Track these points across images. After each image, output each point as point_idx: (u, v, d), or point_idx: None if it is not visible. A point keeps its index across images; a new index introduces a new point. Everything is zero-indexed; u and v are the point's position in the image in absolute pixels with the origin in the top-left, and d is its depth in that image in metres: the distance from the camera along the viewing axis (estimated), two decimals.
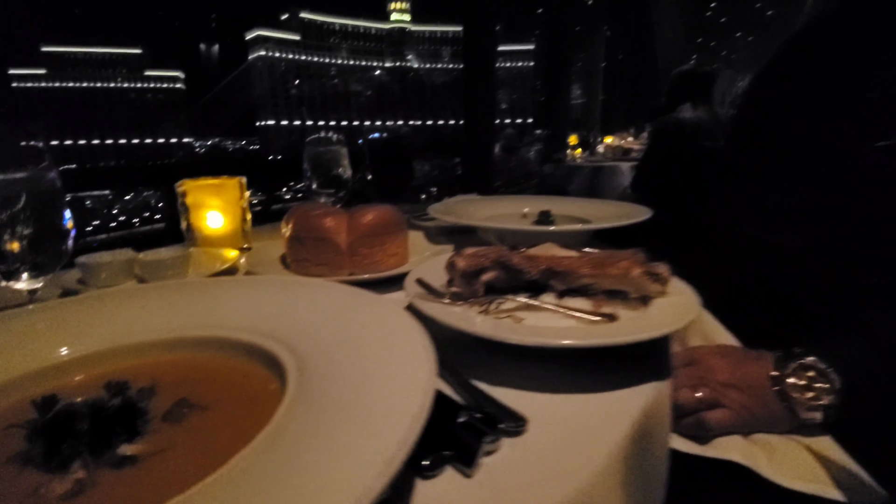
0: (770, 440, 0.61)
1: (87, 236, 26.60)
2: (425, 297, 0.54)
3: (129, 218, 38.51)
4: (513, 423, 0.39)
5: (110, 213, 37.96)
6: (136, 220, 37.65)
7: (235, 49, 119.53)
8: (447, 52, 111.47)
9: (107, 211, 36.09)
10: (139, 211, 36.34)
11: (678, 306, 0.52)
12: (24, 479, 0.30)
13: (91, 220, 30.90)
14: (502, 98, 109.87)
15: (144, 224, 33.74)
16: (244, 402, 0.37)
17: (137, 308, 0.48)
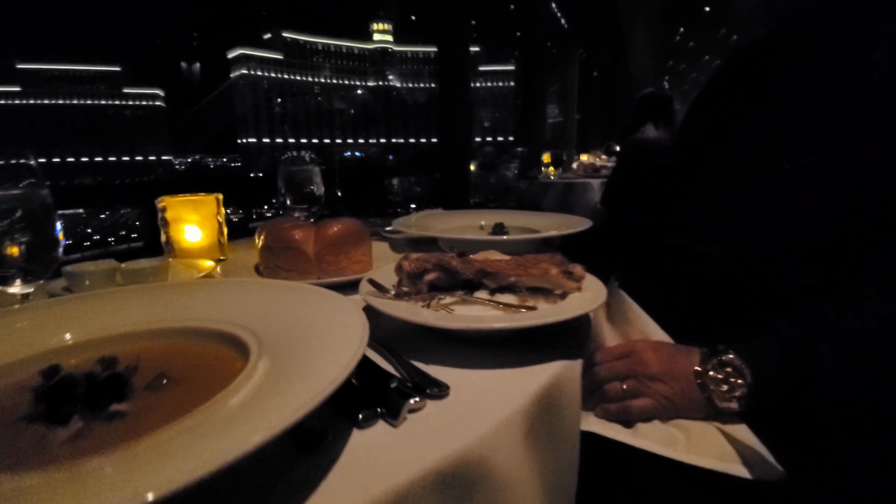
0: (688, 424, 0.68)
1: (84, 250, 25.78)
2: (376, 295, 0.63)
3: (105, 236, 37.73)
4: (436, 388, 0.48)
5: (84, 232, 37.14)
6: (111, 239, 36.87)
7: (217, 67, 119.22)
8: (428, 71, 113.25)
9: (81, 229, 35.29)
10: (115, 229, 35.60)
11: (587, 299, 0.62)
12: (31, 431, 0.37)
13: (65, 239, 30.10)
14: (485, 116, 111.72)
15: (120, 243, 33.05)
16: (213, 376, 0.45)
17: (123, 305, 0.55)
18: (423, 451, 0.39)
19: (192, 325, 0.52)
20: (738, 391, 0.64)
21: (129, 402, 0.40)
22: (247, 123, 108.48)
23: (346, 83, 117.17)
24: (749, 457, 0.62)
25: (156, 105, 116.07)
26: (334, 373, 0.37)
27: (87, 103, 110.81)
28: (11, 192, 0.63)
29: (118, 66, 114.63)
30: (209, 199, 1.07)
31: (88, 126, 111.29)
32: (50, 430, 0.36)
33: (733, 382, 0.65)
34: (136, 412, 0.39)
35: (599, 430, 0.70)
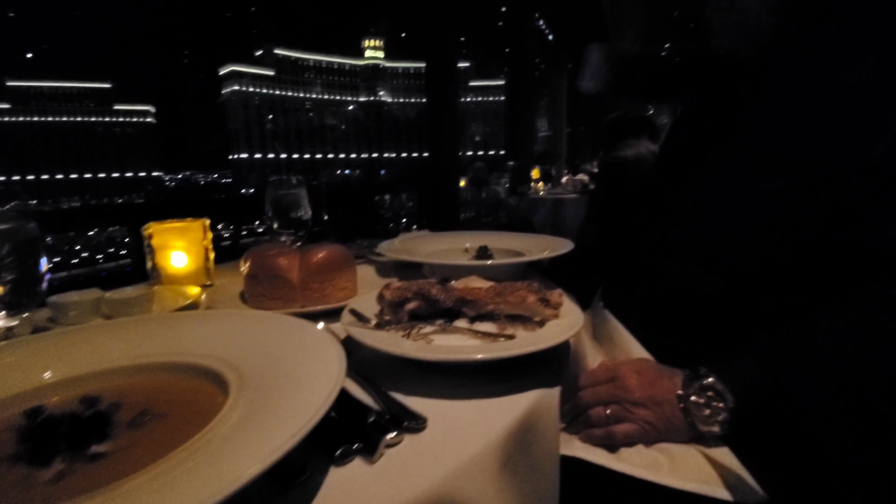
0: (671, 448, 0.68)
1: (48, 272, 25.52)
2: (356, 325, 0.65)
3: (94, 254, 37.32)
4: (414, 421, 0.49)
5: (72, 250, 36.72)
6: (99, 257, 36.44)
7: (209, 84, 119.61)
8: (419, 86, 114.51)
9: (68, 248, 34.90)
10: (103, 247, 35.26)
11: (564, 326, 0.64)
12: (14, 472, 0.38)
13: (52, 257, 29.76)
14: (476, 131, 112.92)
15: (109, 260, 32.68)
16: (195, 412, 0.46)
17: (106, 340, 0.56)
18: (399, 487, 0.41)
19: (173, 360, 0.53)
20: (720, 415, 0.65)
21: (112, 440, 0.41)
22: (238, 139, 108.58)
23: (338, 98, 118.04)
24: (731, 480, 0.63)
25: (146, 122, 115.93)
26: (313, 409, 0.38)
27: (77, 120, 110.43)
28: (1, 226, 0.64)
29: (108, 83, 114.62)
30: (195, 225, 1.09)
31: (78, 143, 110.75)
32: (32, 471, 0.37)
33: (715, 406, 0.66)
34: (118, 451, 0.40)
35: (583, 455, 0.70)
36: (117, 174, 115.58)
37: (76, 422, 0.40)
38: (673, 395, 0.69)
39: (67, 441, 0.39)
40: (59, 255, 31.73)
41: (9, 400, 0.45)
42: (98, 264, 35.59)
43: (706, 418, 0.66)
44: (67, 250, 34.11)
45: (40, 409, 0.41)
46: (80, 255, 38.29)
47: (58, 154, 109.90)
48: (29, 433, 0.39)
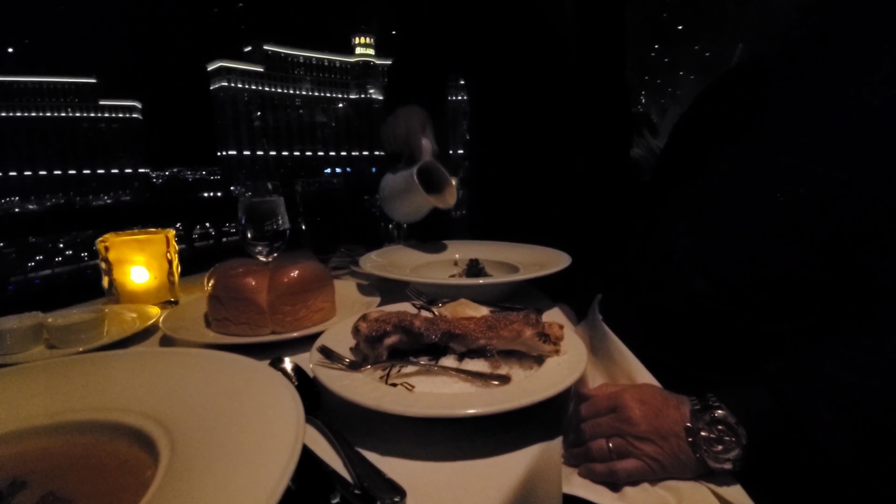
0: (679, 486, 0.62)
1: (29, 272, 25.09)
2: (327, 365, 0.56)
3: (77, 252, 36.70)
4: (390, 498, 0.40)
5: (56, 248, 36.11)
6: (84, 254, 35.87)
7: (196, 79, 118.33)
8: None
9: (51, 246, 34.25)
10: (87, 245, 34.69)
11: (567, 365, 0.55)
12: None
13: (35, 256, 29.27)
14: (467, 129, 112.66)
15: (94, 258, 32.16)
16: (115, 491, 0.37)
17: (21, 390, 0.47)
18: None
19: (96, 418, 0.43)
20: (733, 451, 0.59)
21: None
22: (226, 136, 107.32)
23: (328, 96, 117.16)
24: None
25: (133, 117, 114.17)
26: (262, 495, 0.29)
27: (61, 116, 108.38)
28: None
29: (94, 79, 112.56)
30: (158, 237, 0.99)
31: (62, 139, 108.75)
32: None
33: (727, 441, 0.60)
34: None
35: (584, 494, 0.63)
36: (103, 171, 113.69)
37: None
38: (680, 427, 0.63)
39: None
40: (41, 255, 31.16)
41: None
42: (82, 262, 35.06)
43: (717, 455, 0.60)
44: (50, 248, 33.55)
45: None
46: (64, 252, 37.72)
47: (41, 150, 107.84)
48: None
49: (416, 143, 1.10)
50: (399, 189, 1.10)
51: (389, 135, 1.18)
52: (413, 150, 1.11)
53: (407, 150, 1.13)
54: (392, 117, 1.18)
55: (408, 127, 1.12)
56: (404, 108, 1.17)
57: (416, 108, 1.18)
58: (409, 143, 1.11)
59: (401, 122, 1.14)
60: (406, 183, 1.06)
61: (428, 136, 1.12)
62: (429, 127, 1.15)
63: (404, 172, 1.09)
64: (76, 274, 32.36)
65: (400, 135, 1.13)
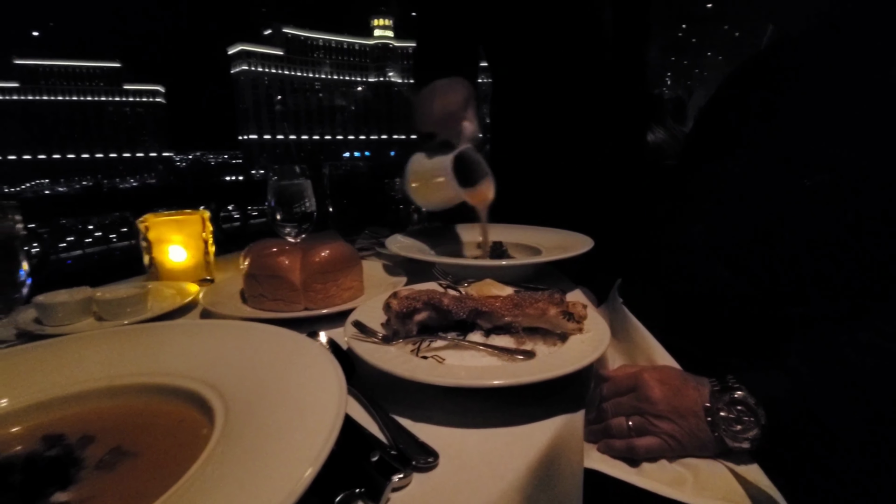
0: (697, 463, 0.64)
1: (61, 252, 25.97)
2: (361, 339, 0.59)
3: (106, 234, 37.81)
4: (424, 459, 0.43)
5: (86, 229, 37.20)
6: (113, 236, 36.93)
7: (218, 63, 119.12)
8: None
9: (81, 227, 35.32)
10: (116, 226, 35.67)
11: (590, 343, 0.57)
12: None
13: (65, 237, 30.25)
14: (488, 112, 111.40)
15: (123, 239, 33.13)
16: (175, 447, 0.40)
17: (79, 356, 0.51)
18: None
19: (154, 382, 0.47)
20: (751, 431, 0.61)
21: (77, 485, 0.36)
22: (248, 120, 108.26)
23: (347, 79, 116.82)
24: (760, 499, 0.58)
25: (156, 101, 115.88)
26: (312, 453, 0.33)
27: (87, 100, 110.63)
28: None
29: (118, 62, 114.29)
30: (194, 217, 1.03)
31: (88, 123, 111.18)
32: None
33: (746, 422, 0.61)
34: (82, 500, 0.35)
35: (603, 469, 0.65)
36: (129, 154, 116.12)
37: (34, 467, 0.35)
38: (699, 407, 0.64)
39: (21, 492, 0.34)
40: (72, 235, 32.20)
41: None
42: (111, 243, 36.13)
43: (736, 434, 0.62)
44: (80, 229, 34.61)
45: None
46: (94, 234, 38.87)
47: (69, 133, 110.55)
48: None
49: (453, 126, 0.94)
50: (429, 177, 0.96)
51: (423, 112, 1.00)
52: (450, 133, 0.95)
53: (439, 130, 0.98)
54: (428, 90, 1.00)
55: (445, 105, 0.95)
56: (444, 81, 1.00)
57: (460, 80, 1.00)
58: (446, 124, 0.96)
59: (437, 98, 0.97)
60: (438, 172, 0.93)
61: (470, 118, 0.96)
62: (472, 105, 0.98)
63: (438, 159, 0.94)
64: (106, 254, 33.31)
65: (435, 114, 0.96)
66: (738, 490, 0.61)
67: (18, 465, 0.35)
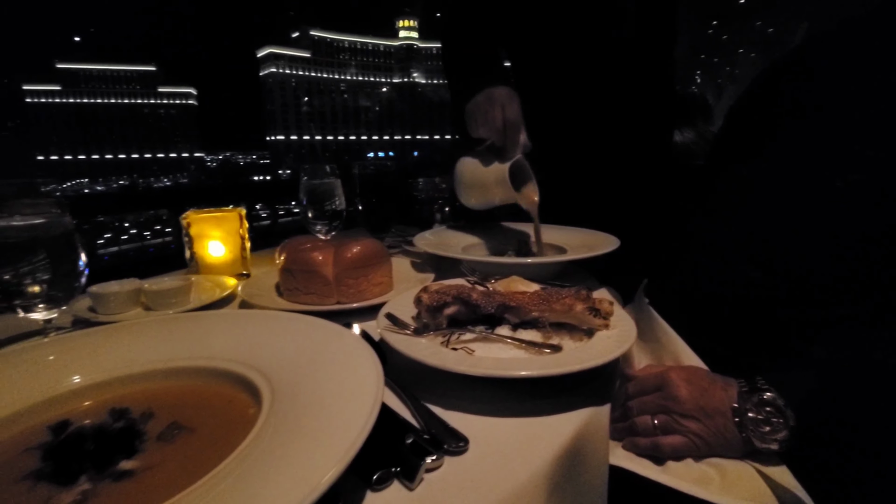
0: (724, 463, 0.64)
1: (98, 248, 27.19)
2: (393, 330, 0.61)
3: (141, 231, 39.22)
4: (455, 443, 0.45)
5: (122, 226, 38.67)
6: (147, 233, 38.27)
7: (248, 66, 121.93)
8: None
9: (117, 224, 36.73)
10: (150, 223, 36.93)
11: (616, 338, 0.58)
12: (37, 492, 0.36)
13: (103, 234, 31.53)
14: None
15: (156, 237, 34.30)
16: (225, 424, 0.44)
17: (136, 340, 0.55)
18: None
19: (204, 365, 0.51)
20: (780, 433, 0.60)
21: (141, 454, 0.40)
22: (275, 121, 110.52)
23: (372, 80, 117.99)
24: (788, 500, 0.58)
25: (189, 103, 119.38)
26: (353, 433, 0.35)
27: (124, 102, 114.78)
28: (33, 220, 0.63)
29: (153, 66, 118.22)
30: (232, 214, 1.08)
31: (125, 124, 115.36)
32: (56, 491, 0.36)
33: (775, 423, 0.61)
34: (146, 469, 0.38)
35: (627, 465, 0.66)
36: (162, 154, 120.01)
37: (103, 437, 0.39)
38: (727, 407, 0.64)
39: (93, 459, 0.37)
40: (108, 232, 33.49)
41: (38, 406, 0.44)
42: (145, 240, 37.44)
43: (764, 435, 0.62)
44: (117, 227, 35.97)
45: (66, 423, 0.40)
46: (129, 231, 40.33)
47: (107, 135, 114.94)
48: (54, 450, 0.37)
49: (513, 138, 1.02)
50: (484, 180, 1.05)
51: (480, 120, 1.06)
52: (508, 143, 1.03)
53: (499, 140, 1.04)
54: (484, 99, 1.07)
55: (507, 117, 1.03)
56: (502, 91, 1.07)
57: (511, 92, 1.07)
58: (507, 134, 1.03)
59: (497, 108, 1.03)
60: (495, 177, 1.01)
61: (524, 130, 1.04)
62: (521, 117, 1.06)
63: (496, 166, 1.03)
64: (140, 251, 34.48)
65: (496, 124, 1.03)
66: (766, 491, 0.61)
67: (90, 435, 0.39)
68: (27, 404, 0.44)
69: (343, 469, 0.33)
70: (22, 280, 0.60)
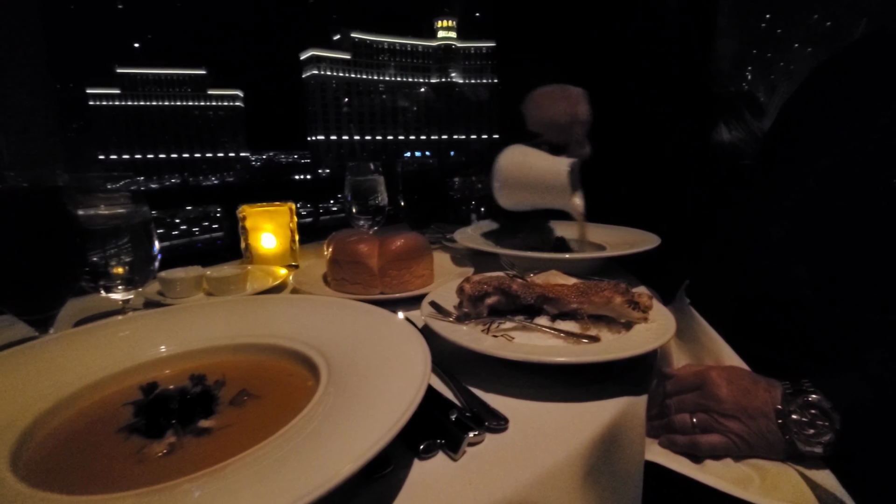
0: (764, 465, 0.63)
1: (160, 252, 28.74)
2: (437, 317, 0.65)
3: (190, 227, 41.25)
4: (496, 421, 0.48)
5: (173, 222, 40.79)
6: (196, 229, 40.18)
7: (291, 69, 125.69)
8: (490, 66, 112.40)
9: (169, 220, 38.77)
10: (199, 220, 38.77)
11: (654, 332, 0.59)
12: (131, 442, 0.42)
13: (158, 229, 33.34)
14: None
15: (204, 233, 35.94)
16: (287, 394, 0.48)
17: (209, 319, 0.61)
18: (482, 486, 0.40)
19: (268, 342, 0.56)
20: (826, 436, 0.59)
21: (216, 416, 0.45)
22: (316, 121, 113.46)
23: (410, 80, 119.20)
24: None
25: (235, 105, 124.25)
26: (403, 405, 0.39)
27: (177, 104, 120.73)
28: (118, 210, 0.71)
29: (204, 70, 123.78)
30: (283, 209, 1.14)
31: (178, 125, 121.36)
32: (146, 442, 0.41)
33: (820, 426, 0.60)
34: (221, 427, 0.43)
35: (664, 462, 0.66)
36: (210, 154, 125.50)
37: (186, 398, 0.44)
38: (770, 408, 0.63)
39: (178, 416, 0.42)
40: (161, 228, 35.41)
41: (132, 369, 0.51)
42: (194, 236, 39.28)
43: (808, 438, 0.61)
44: (169, 222, 37.94)
45: (154, 384, 0.45)
46: (180, 227, 42.44)
47: (160, 135, 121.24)
48: (145, 408, 0.43)
49: (578, 138, 0.97)
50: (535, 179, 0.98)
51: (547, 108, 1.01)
52: (572, 142, 0.98)
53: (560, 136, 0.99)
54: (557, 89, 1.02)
55: (575, 115, 0.98)
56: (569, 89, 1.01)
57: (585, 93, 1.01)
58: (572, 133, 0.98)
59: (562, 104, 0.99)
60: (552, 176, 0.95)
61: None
62: None
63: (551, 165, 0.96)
64: (189, 246, 36.16)
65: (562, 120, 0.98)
66: (809, 495, 0.60)
67: (174, 397, 0.44)
68: (121, 368, 0.50)
69: (394, 435, 0.36)
70: (108, 262, 0.68)
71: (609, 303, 0.60)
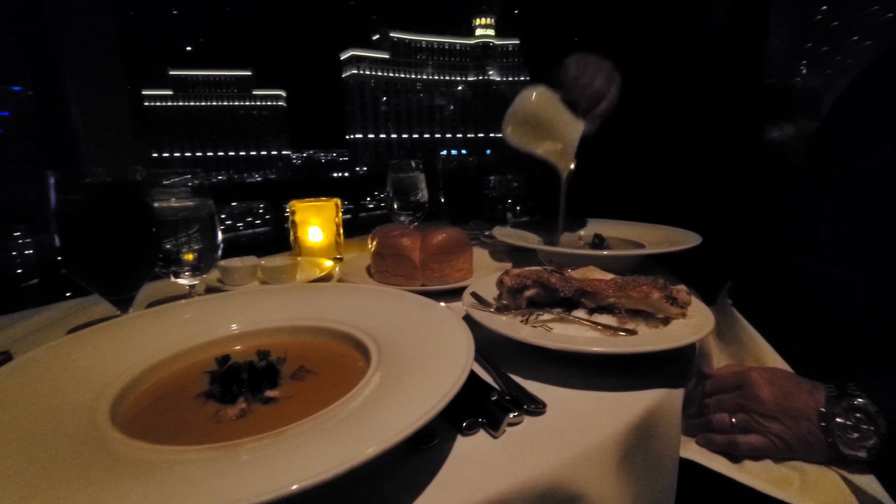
0: (805, 467, 0.63)
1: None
2: (478, 308, 0.68)
3: (235, 222, 42.95)
4: (534, 405, 0.51)
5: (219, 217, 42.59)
6: (240, 224, 41.79)
7: (331, 69, 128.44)
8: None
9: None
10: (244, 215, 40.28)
11: (692, 327, 0.60)
12: (208, 407, 0.47)
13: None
14: None
15: (247, 228, 37.33)
16: (341, 371, 0.53)
17: (270, 303, 0.67)
18: (520, 463, 0.43)
19: (322, 325, 0.61)
20: (870, 440, 0.59)
21: (280, 388, 0.49)
22: (354, 120, 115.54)
23: (447, 79, 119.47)
24: None
25: (278, 105, 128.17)
26: (448, 384, 0.42)
27: (224, 104, 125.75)
28: (187, 203, 0.78)
29: (249, 71, 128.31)
30: (329, 204, 1.20)
31: (224, 124, 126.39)
32: (222, 406, 0.46)
33: (865, 430, 0.59)
34: (285, 398, 0.48)
35: (700, 460, 0.66)
36: (255, 152, 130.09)
37: (254, 370, 0.49)
38: (813, 410, 0.62)
39: (248, 385, 0.47)
40: None
41: (205, 345, 0.57)
42: (238, 231, 40.85)
43: (853, 442, 0.60)
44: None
45: (227, 357, 0.51)
46: (225, 222, 44.31)
47: (208, 134, 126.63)
48: (219, 376, 0.48)
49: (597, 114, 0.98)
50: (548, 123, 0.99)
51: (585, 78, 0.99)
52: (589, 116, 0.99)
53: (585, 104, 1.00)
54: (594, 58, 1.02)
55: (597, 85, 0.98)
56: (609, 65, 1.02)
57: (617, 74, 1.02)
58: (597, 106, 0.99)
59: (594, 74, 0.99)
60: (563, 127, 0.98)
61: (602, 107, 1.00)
62: None
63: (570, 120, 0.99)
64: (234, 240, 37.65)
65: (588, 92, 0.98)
66: (850, 498, 0.59)
67: (244, 368, 0.49)
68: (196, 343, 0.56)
69: (441, 409, 0.39)
70: (180, 249, 0.75)
71: (647, 297, 0.62)
